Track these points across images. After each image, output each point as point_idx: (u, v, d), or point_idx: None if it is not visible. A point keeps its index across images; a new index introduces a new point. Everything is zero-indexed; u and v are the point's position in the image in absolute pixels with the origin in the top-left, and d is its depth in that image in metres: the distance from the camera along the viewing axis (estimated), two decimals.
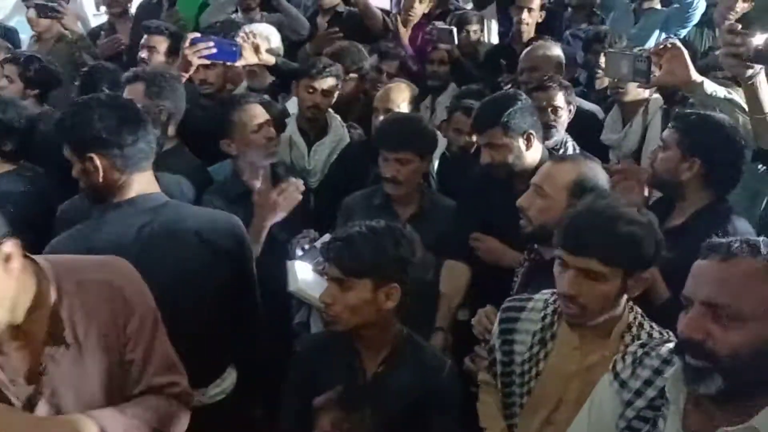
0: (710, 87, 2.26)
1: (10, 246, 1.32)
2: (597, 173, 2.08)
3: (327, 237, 2.42)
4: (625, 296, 1.69)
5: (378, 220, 1.85)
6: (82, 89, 3.11)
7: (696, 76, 2.26)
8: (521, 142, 2.44)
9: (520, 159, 2.45)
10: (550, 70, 3.22)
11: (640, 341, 1.52)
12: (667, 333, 1.69)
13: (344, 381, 1.75)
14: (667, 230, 2.15)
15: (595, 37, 3.75)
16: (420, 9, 4.46)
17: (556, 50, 3.45)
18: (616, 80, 2.69)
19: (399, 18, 4.42)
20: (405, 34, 4.38)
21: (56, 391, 1.43)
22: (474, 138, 3.08)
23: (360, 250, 1.74)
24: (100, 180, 1.86)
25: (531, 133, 2.45)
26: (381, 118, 2.99)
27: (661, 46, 2.32)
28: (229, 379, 2.13)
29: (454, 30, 3.95)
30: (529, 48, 3.49)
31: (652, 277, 1.89)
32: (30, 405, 1.41)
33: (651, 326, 1.71)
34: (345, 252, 1.75)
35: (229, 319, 2.07)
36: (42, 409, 1.42)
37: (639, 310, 1.73)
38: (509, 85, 3.38)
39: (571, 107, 2.91)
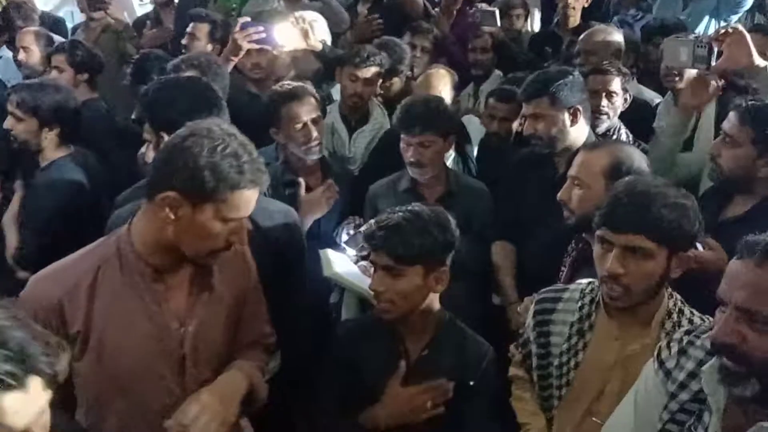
0: None
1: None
2: (633, 156, 2.03)
3: (371, 223, 2.44)
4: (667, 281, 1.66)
5: (417, 204, 1.85)
6: (134, 77, 3.17)
7: (759, 61, 2.21)
8: (566, 116, 2.43)
9: (563, 134, 2.43)
10: (609, 56, 3.16)
11: (685, 328, 1.48)
12: (709, 319, 1.64)
13: (388, 365, 1.77)
14: (725, 221, 2.12)
15: (659, 30, 3.53)
16: None
17: (617, 36, 3.36)
18: (674, 68, 2.62)
19: (441, 5, 4.38)
20: (445, 21, 4.32)
21: (198, 333, 1.60)
22: (512, 125, 3.07)
23: (409, 237, 1.74)
24: None
25: (578, 109, 2.43)
26: None
27: (722, 31, 2.27)
28: (273, 363, 2.15)
29: (497, 12, 3.89)
30: (589, 31, 3.41)
31: (718, 265, 1.83)
32: (180, 345, 1.58)
33: (692, 312, 1.67)
34: (395, 239, 1.75)
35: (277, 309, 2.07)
36: (186, 348, 1.59)
37: (679, 297, 1.69)
38: None
39: (627, 95, 2.85)
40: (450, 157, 3.01)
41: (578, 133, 2.46)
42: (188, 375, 1.59)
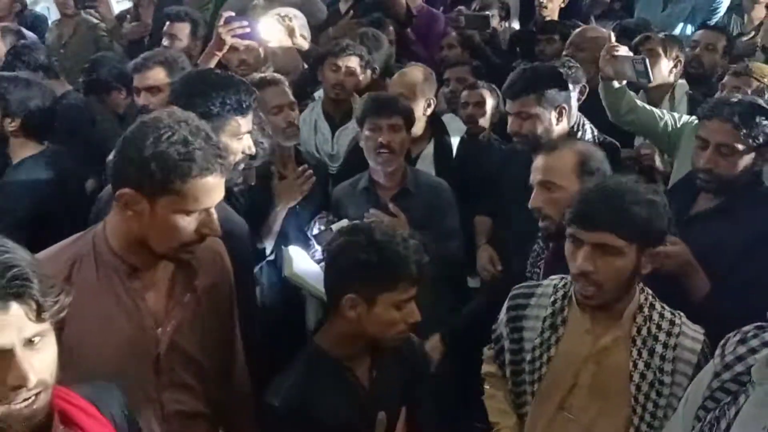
0: None
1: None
2: (593, 151, 2.05)
3: (344, 222, 2.44)
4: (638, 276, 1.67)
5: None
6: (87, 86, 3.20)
7: None
8: (553, 115, 2.42)
9: (548, 132, 2.42)
10: (598, 52, 3.17)
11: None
12: (679, 314, 1.68)
13: (348, 401, 1.71)
14: (697, 215, 2.13)
15: (621, 32, 3.61)
16: None
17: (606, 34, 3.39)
18: (623, 82, 2.71)
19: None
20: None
21: (175, 335, 1.56)
22: (481, 110, 3.11)
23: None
24: None
25: (564, 108, 2.43)
26: None
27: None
28: None
29: (489, 15, 3.90)
30: (581, 28, 3.46)
31: (683, 258, 1.89)
32: (155, 346, 1.54)
33: (663, 306, 1.69)
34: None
35: None
36: (162, 349, 1.55)
37: (649, 291, 1.71)
38: None
39: (581, 86, 2.81)
40: (428, 154, 3.02)
41: (561, 131, 2.45)
42: (163, 376, 1.56)
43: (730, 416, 1.27)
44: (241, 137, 1.95)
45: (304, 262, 2.47)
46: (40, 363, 1.07)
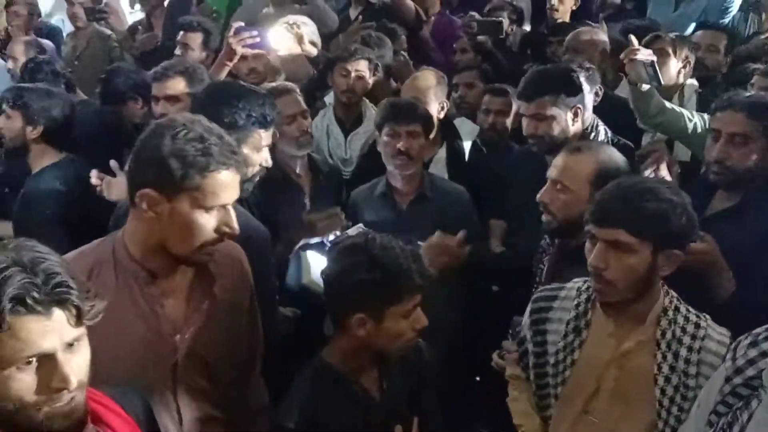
0: None
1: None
2: (615, 158, 2.04)
3: (360, 227, 2.45)
4: (660, 279, 1.66)
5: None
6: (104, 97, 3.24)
7: None
8: (569, 116, 2.41)
9: (564, 134, 2.41)
10: (595, 55, 3.19)
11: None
12: (704, 317, 1.66)
13: (360, 415, 1.69)
14: (713, 215, 2.11)
15: (626, 33, 3.66)
16: None
17: (603, 36, 3.42)
18: (640, 85, 2.70)
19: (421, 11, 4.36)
20: (426, 27, 4.33)
21: (194, 342, 1.57)
22: (506, 119, 3.10)
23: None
24: None
25: (579, 108, 2.43)
26: None
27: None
28: None
29: (503, 22, 3.90)
30: (576, 30, 3.47)
31: (711, 257, 1.88)
32: (173, 353, 1.55)
33: (688, 309, 1.67)
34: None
35: None
36: (180, 356, 1.56)
37: (674, 294, 1.69)
38: None
39: (597, 89, 2.83)
40: (440, 158, 3.03)
41: (576, 131, 2.45)
42: (181, 383, 1.57)
43: (743, 421, 1.26)
44: (261, 150, 1.99)
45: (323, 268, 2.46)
46: (78, 365, 1.13)
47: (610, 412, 1.65)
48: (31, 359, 1.08)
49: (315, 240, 2.44)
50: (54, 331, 1.08)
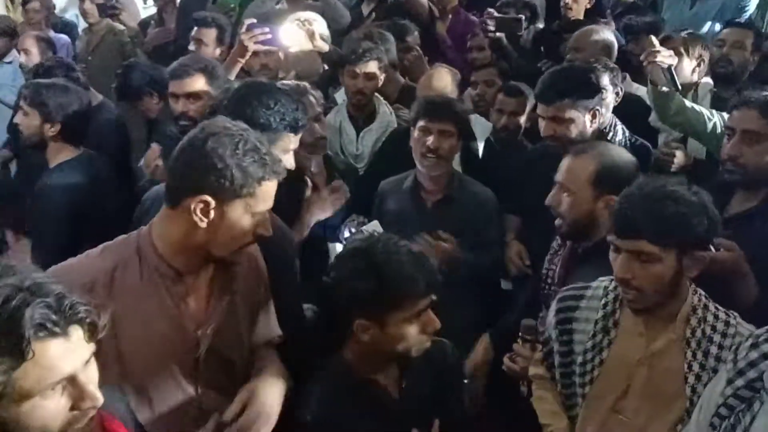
0: None
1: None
2: (620, 158, 2.03)
3: (375, 223, 2.45)
4: (687, 278, 1.65)
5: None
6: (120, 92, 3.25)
7: None
8: (587, 118, 2.41)
9: (583, 135, 2.40)
10: (597, 52, 3.17)
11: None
12: (733, 314, 1.66)
13: (376, 414, 1.68)
14: (731, 217, 2.10)
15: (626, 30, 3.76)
16: None
17: (607, 34, 3.39)
18: (660, 86, 2.72)
19: (434, 7, 4.34)
20: (443, 25, 4.31)
21: (215, 337, 1.59)
22: (520, 119, 3.08)
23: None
24: None
25: (597, 110, 2.42)
26: None
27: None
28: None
29: (522, 18, 3.88)
30: (580, 30, 3.45)
31: (735, 265, 1.86)
32: (196, 348, 1.58)
33: (716, 308, 1.67)
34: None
35: None
36: (202, 351, 1.58)
37: (703, 292, 1.69)
38: None
39: (618, 89, 2.85)
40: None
41: (595, 131, 2.44)
42: (202, 378, 1.59)
43: (745, 423, 1.26)
44: (288, 153, 2.01)
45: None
46: (95, 380, 1.13)
47: (640, 411, 1.65)
48: (56, 386, 1.07)
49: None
50: (74, 352, 1.08)
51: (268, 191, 1.52)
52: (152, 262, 1.53)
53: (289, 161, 2.02)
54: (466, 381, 2.05)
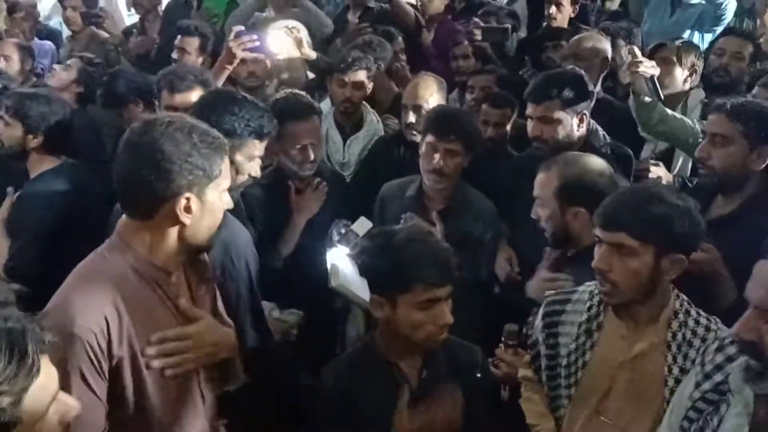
0: None
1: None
2: (586, 170, 2.04)
3: (363, 220, 2.52)
4: (668, 282, 1.68)
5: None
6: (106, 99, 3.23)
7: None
8: (575, 121, 2.42)
9: (569, 138, 2.42)
10: (597, 62, 3.19)
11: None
12: (714, 320, 1.68)
13: (392, 394, 1.74)
14: (712, 221, 2.11)
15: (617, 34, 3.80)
16: (438, 2, 4.33)
17: (606, 44, 3.39)
18: (642, 96, 2.75)
19: (420, 16, 4.34)
20: (427, 35, 4.32)
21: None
22: (506, 129, 3.09)
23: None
24: None
25: (585, 114, 2.44)
26: (410, 113, 2.99)
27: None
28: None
29: (509, 28, 3.90)
30: (578, 37, 3.45)
31: (711, 266, 1.91)
32: None
33: (698, 312, 1.70)
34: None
35: None
36: None
37: (685, 297, 1.72)
38: None
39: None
40: None
41: (581, 136, 2.46)
42: (203, 370, 1.64)
43: (713, 425, 1.29)
44: (253, 159, 2.06)
45: (349, 271, 2.42)
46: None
47: (622, 412, 1.68)
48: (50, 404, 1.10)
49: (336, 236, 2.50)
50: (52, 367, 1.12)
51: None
52: (149, 272, 1.53)
53: (254, 168, 2.07)
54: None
